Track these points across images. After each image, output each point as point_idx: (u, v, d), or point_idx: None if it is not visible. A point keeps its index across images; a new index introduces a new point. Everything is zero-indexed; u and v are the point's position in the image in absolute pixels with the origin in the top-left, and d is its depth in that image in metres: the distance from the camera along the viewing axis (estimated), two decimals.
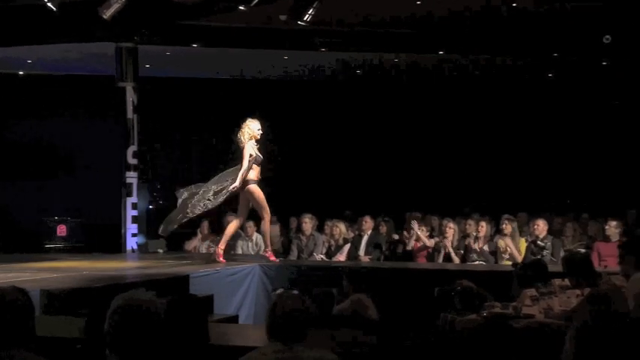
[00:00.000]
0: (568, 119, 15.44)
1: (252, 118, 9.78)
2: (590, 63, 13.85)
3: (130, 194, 12.42)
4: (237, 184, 9.51)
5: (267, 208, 9.79)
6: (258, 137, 9.70)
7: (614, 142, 15.24)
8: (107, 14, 9.99)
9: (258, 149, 9.68)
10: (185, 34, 12.62)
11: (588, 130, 15.39)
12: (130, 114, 12.43)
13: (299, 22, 10.62)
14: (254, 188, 9.62)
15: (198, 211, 9.87)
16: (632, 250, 6.07)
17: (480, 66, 14.50)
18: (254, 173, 9.62)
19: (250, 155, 9.52)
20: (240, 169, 9.49)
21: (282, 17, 11.12)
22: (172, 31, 12.52)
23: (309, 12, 10.35)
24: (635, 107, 15.11)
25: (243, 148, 9.57)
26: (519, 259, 10.04)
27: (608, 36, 11.57)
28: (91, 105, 14.95)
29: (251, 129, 9.66)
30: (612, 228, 10.03)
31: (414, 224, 10.79)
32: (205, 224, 12.14)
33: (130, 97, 12.43)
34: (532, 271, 7.24)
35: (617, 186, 14.59)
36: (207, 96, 15.59)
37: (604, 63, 13.79)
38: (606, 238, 10.04)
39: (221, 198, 9.70)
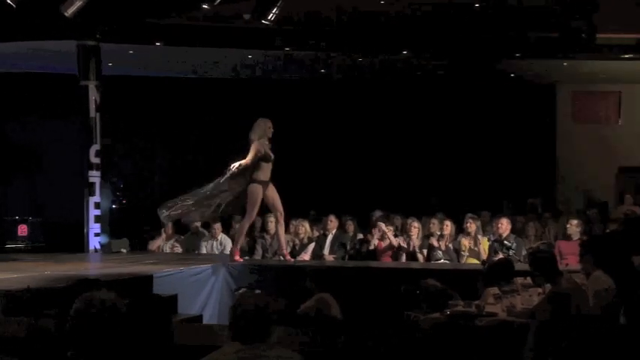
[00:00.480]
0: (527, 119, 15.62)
1: (264, 117, 9.85)
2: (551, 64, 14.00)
3: (92, 193, 12.30)
4: (233, 168, 9.49)
5: (254, 213, 9.81)
6: (270, 136, 9.69)
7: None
8: (69, 12, 9.88)
9: (270, 149, 9.66)
10: (148, 33, 12.53)
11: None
12: (92, 113, 12.31)
13: (263, 22, 10.60)
14: (254, 188, 9.60)
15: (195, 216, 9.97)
16: (592, 248, 6.15)
17: (442, 66, 14.58)
18: (262, 173, 9.61)
19: (258, 152, 9.50)
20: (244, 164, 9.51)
21: (246, 16, 11.09)
22: (135, 29, 12.42)
23: (273, 11, 10.34)
24: None
25: (253, 145, 9.57)
26: (483, 257, 10.13)
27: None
28: (53, 103, 14.78)
29: (262, 127, 9.67)
30: (573, 227, 10.16)
31: (382, 225, 10.81)
32: (169, 224, 12.06)
33: (93, 95, 12.31)
34: (500, 269, 7.32)
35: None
36: (171, 95, 15.49)
37: (565, 64, 13.94)
38: (567, 237, 10.17)
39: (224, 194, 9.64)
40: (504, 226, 10.31)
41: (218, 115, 15.63)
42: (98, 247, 12.21)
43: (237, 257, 9.93)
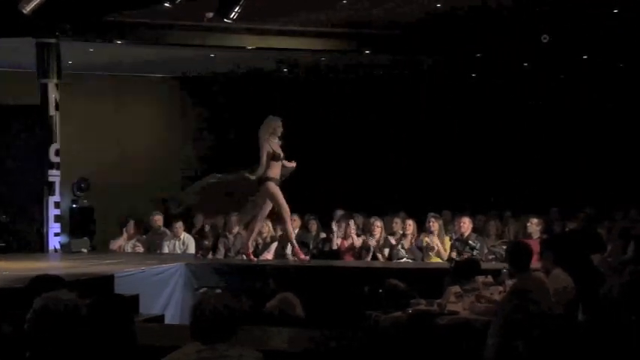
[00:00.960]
0: (491, 119, 15.72)
1: (274, 115, 9.83)
2: (513, 64, 14.11)
3: (52, 193, 12.17)
4: (253, 176, 9.50)
5: (286, 207, 9.76)
6: (279, 134, 9.67)
7: (535, 141, 15.57)
8: (27, 9, 9.77)
9: (281, 146, 9.65)
10: (109, 31, 12.41)
11: (510, 130, 15.69)
12: (52, 111, 12.17)
13: (225, 20, 10.56)
14: (270, 185, 9.60)
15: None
16: (551, 246, 6.21)
17: (405, 65, 14.64)
18: (272, 171, 9.61)
19: (268, 152, 9.48)
20: (259, 166, 9.51)
21: (209, 15, 11.04)
22: (96, 27, 12.30)
23: (236, 10, 10.30)
24: (555, 108, 15.49)
25: (262, 144, 9.54)
26: (445, 256, 10.19)
27: (545, 35, 11.82)
28: (11, 101, 14.57)
29: (271, 126, 9.65)
30: (533, 225, 10.26)
31: (346, 225, 10.81)
32: (131, 223, 11.98)
33: (53, 93, 12.18)
34: (466, 268, 7.39)
35: (539, 184, 14.92)
36: (131, 93, 15.38)
37: (525, 64, 14.08)
38: (528, 236, 10.26)
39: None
40: (466, 225, 10.38)
41: (179, 112, 15.54)
42: (58, 246, 12.08)
43: (302, 256, 9.93)
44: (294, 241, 10.13)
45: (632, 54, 13.42)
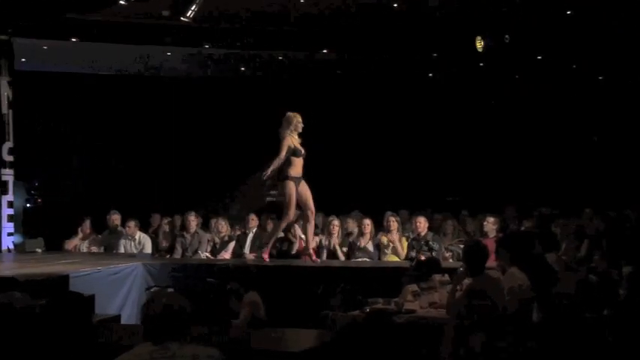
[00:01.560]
0: (447, 118, 15.84)
1: (294, 111, 9.75)
2: (468, 65, 14.22)
3: (5, 192, 12.00)
4: (268, 172, 9.36)
5: (292, 211, 9.59)
6: (300, 130, 9.59)
7: (492, 141, 15.72)
8: None
9: (300, 143, 9.53)
10: (63, 28, 12.25)
11: (467, 129, 15.82)
12: (4, 109, 12.00)
13: (182, 19, 10.49)
14: (287, 184, 9.46)
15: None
16: (507, 245, 6.26)
17: (360, 64, 14.68)
18: (293, 168, 9.47)
19: (289, 147, 9.38)
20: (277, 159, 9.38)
21: (165, 13, 10.96)
22: (50, 24, 12.13)
23: (192, 8, 10.25)
24: (510, 107, 15.66)
25: (283, 140, 9.42)
26: (403, 255, 10.24)
27: (507, 36, 11.92)
28: None
29: (291, 122, 9.55)
30: (490, 224, 10.36)
31: (296, 229, 10.79)
32: (87, 223, 11.85)
33: (5, 91, 12.00)
34: (427, 267, 7.44)
35: (495, 183, 15.06)
36: (86, 91, 15.19)
37: (481, 64, 14.20)
38: (484, 234, 10.36)
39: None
40: (422, 224, 10.45)
41: (135, 113, 15.40)
42: (11, 246, 11.91)
43: (265, 256, 9.82)
44: (270, 244, 10.04)
45: (585, 55, 13.61)
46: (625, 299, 6.28)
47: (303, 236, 10.65)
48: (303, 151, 9.57)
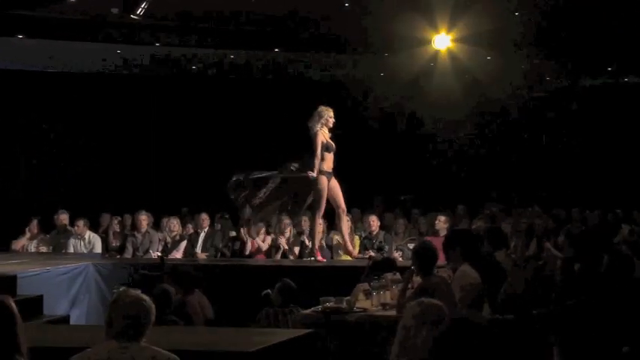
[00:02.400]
0: (400, 118, 15.93)
1: (326, 106, 9.48)
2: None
3: None
4: (314, 173, 9.19)
5: (322, 206, 9.39)
6: (331, 125, 9.38)
7: (445, 140, 15.85)
8: None
9: (330, 138, 9.36)
10: (9, 25, 12.04)
11: (419, 128, 15.94)
12: None
13: (132, 16, 10.40)
14: (320, 178, 9.25)
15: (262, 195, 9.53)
16: (456, 243, 6.31)
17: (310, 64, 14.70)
18: (325, 162, 9.28)
19: (322, 142, 9.22)
20: (314, 158, 9.22)
21: (114, 10, 10.85)
22: None
23: (142, 6, 10.16)
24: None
25: (315, 135, 9.24)
26: (355, 254, 10.26)
27: None
28: None
29: (323, 116, 9.33)
30: (441, 223, 10.45)
31: (247, 231, 10.75)
32: (34, 223, 11.67)
33: None
34: (383, 266, 7.47)
35: (446, 182, 15.19)
36: (34, 89, 14.95)
37: (432, 64, 14.29)
38: (435, 233, 10.44)
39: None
40: (374, 223, 10.49)
41: (83, 111, 15.21)
42: None
43: (320, 257, 9.55)
44: (318, 242, 9.73)
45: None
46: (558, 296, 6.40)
47: (254, 236, 10.63)
48: (334, 146, 9.41)
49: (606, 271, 6.41)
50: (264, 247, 10.66)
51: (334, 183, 9.52)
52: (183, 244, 10.85)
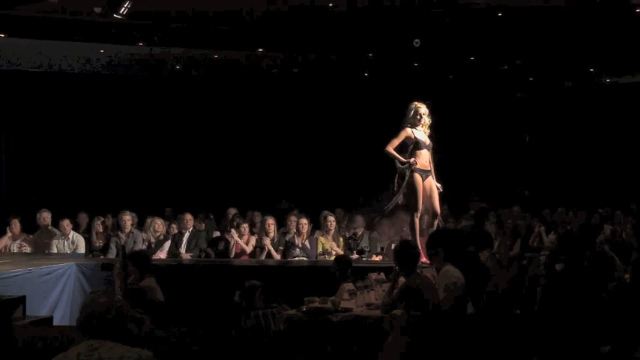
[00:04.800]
0: (381, 117, 15.94)
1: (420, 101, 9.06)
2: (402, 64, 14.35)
3: None
4: (400, 165, 8.79)
5: (419, 204, 8.82)
6: (424, 122, 8.91)
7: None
8: None
9: (429, 135, 8.96)
10: None
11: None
12: None
13: (115, 16, 10.35)
14: (414, 176, 8.78)
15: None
16: (439, 243, 6.32)
17: (299, 63, 14.70)
18: (417, 160, 8.79)
19: (408, 138, 8.82)
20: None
21: (97, 9, 10.79)
22: None
23: (125, 5, 10.12)
24: (443, 106, 15.83)
25: (401, 130, 8.86)
26: (340, 254, 10.26)
27: (417, 40, 12.02)
28: None
29: (409, 113, 8.93)
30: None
31: (234, 234, 10.73)
32: (16, 222, 11.59)
33: None
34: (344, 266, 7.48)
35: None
36: (12, 88, 14.87)
37: (415, 64, 14.35)
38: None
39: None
40: (359, 223, 10.49)
41: (62, 111, 15.15)
42: None
43: (424, 259, 8.17)
44: (417, 240, 8.93)
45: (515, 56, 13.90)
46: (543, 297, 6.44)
47: (237, 238, 10.61)
48: (427, 143, 8.94)
49: (587, 270, 6.45)
50: (249, 249, 10.64)
51: (430, 183, 8.98)
52: (167, 244, 10.83)
